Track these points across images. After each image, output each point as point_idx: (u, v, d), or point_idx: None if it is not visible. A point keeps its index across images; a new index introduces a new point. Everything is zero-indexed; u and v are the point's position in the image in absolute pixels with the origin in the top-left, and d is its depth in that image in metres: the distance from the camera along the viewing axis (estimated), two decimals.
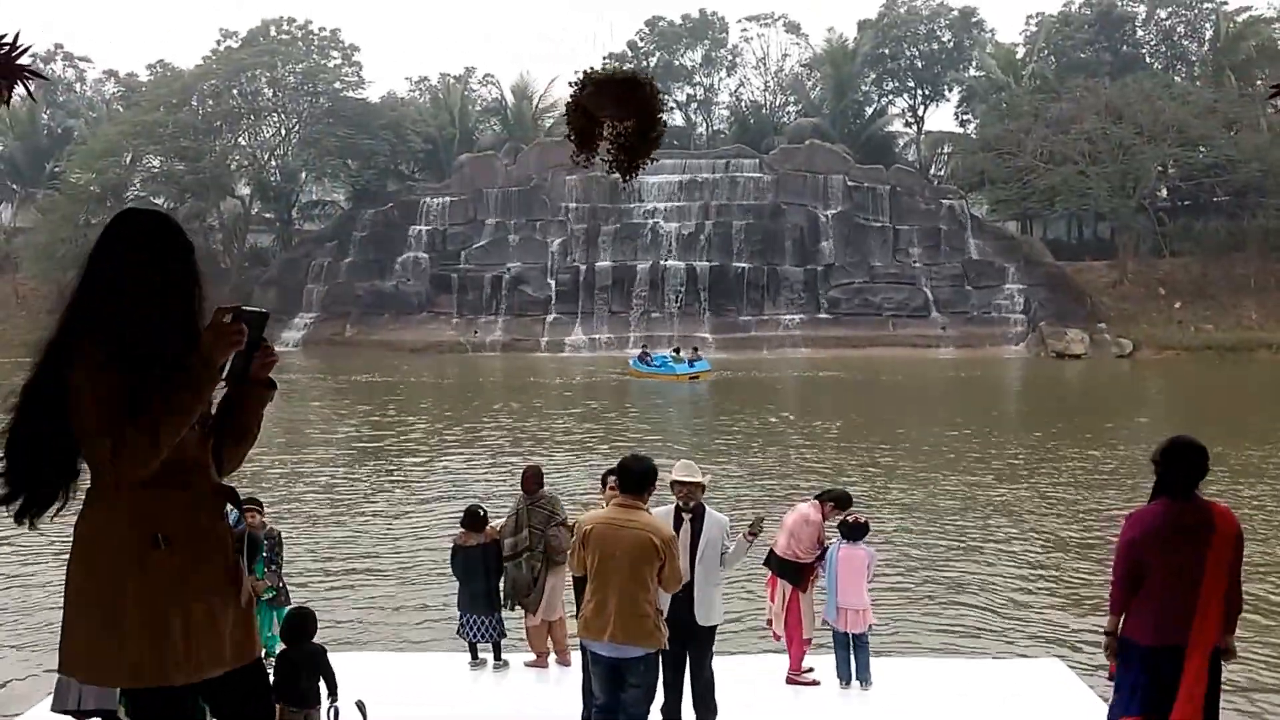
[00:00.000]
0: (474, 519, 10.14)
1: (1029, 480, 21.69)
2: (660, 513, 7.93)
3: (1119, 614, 5.93)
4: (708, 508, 8.21)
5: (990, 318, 67.04)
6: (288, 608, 9.59)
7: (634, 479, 7.11)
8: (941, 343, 65.38)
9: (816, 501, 9.85)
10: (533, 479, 10.15)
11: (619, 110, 6.24)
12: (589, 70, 6.47)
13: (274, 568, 9.86)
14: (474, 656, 10.10)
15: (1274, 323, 62.39)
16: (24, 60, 3.81)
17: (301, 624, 7.54)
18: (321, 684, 7.33)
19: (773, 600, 9.88)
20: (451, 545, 10.27)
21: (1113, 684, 6.06)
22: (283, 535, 10.37)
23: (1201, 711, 5.62)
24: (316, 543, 16.49)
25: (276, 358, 3.84)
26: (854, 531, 9.72)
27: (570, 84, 6.41)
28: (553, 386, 45.63)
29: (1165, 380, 49.09)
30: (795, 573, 9.65)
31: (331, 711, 7.24)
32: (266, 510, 10.27)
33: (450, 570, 10.29)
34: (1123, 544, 5.84)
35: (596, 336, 66.57)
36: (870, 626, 9.67)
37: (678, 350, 51.82)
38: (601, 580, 6.96)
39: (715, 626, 8.22)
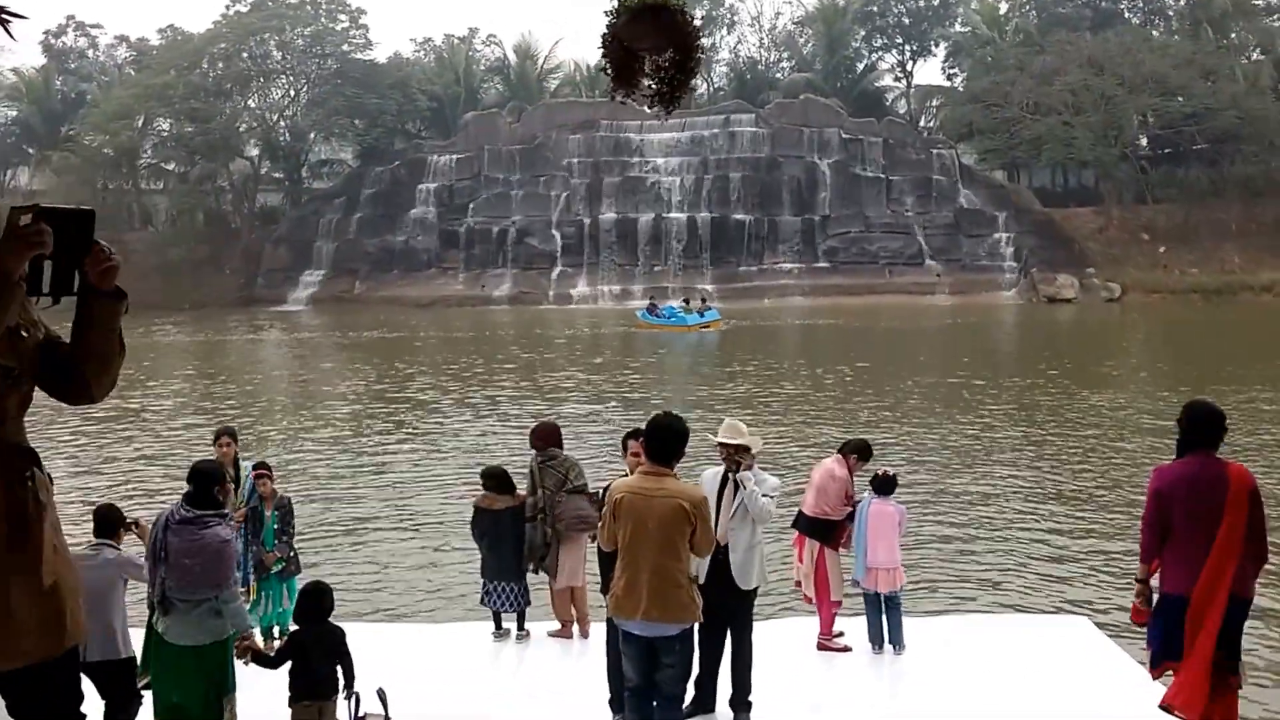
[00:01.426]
0: (500, 481, 9.64)
1: (1039, 428, 21.98)
2: (709, 475, 7.85)
3: (1148, 562, 6.33)
4: (756, 470, 7.88)
5: (983, 264, 69.42)
6: (298, 577, 9.50)
7: (663, 447, 6.66)
8: (937, 289, 67.61)
9: (840, 455, 9.56)
10: (541, 435, 9.77)
11: (656, 40, 6.07)
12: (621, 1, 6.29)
13: (285, 538, 9.48)
14: (498, 626, 9.67)
15: (1255, 266, 64.87)
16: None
17: (317, 601, 6.74)
18: (339, 670, 6.65)
19: (800, 560, 9.58)
20: (474, 508, 9.72)
21: (1144, 631, 6.46)
22: (292, 501, 9.96)
23: (1209, 658, 5.96)
24: (328, 504, 16.22)
25: (116, 262, 3.34)
26: (885, 485, 9.41)
27: (605, 13, 6.13)
28: (561, 338, 46.84)
29: (1156, 323, 51.10)
30: (825, 530, 9.35)
31: (351, 702, 6.64)
32: (275, 475, 9.97)
33: (471, 533, 9.83)
34: (1150, 495, 6.25)
35: (602, 288, 68.59)
36: (902, 587, 9.36)
37: (687, 301, 53.29)
38: (632, 554, 6.61)
39: (755, 590, 7.85)
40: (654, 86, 6.21)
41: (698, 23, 6.32)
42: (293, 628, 7.10)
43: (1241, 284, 63.32)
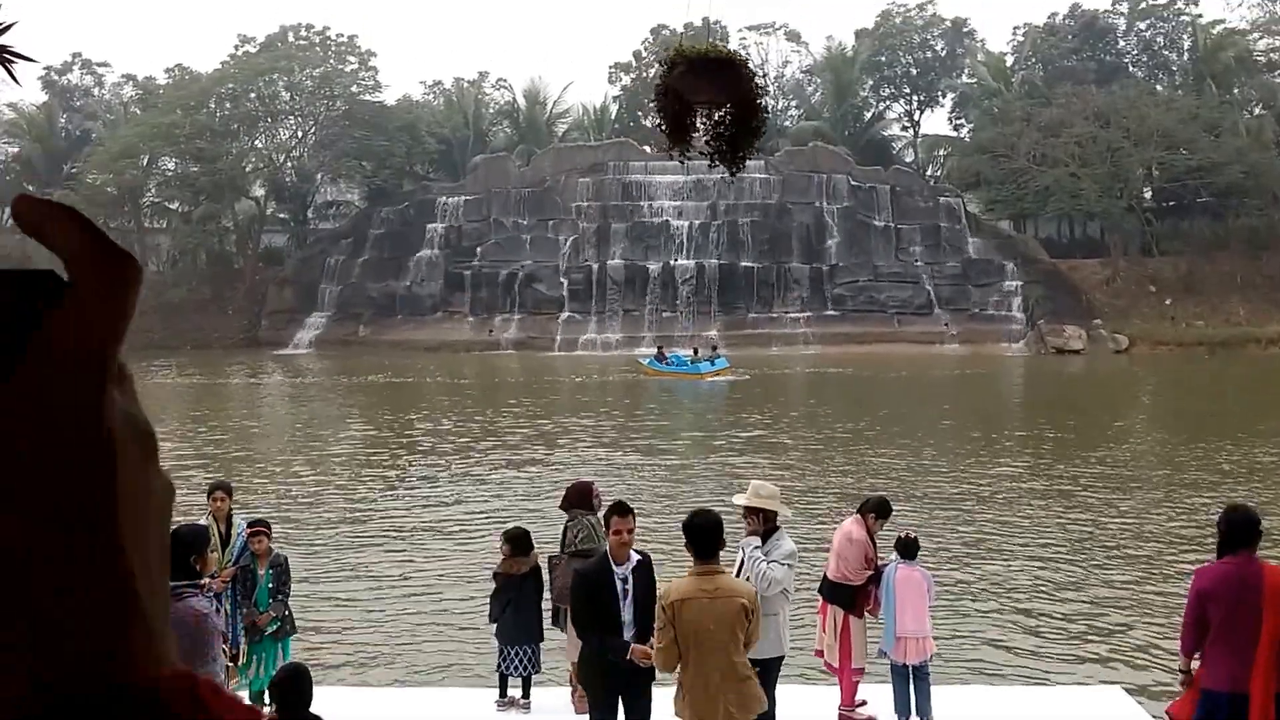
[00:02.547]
0: (519, 543, 9.34)
1: (1054, 480, 21.51)
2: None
3: (1189, 656, 6.73)
4: (779, 533, 7.77)
5: (991, 315, 69.45)
6: (293, 637, 9.45)
7: (709, 543, 6.55)
8: (945, 339, 67.55)
9: (858, 515, 9.30)
10: (569, 498, 9.75)
11: (716, 94, 5.75)
12: (679, 47, 5.92)
13: (280, 596, 9.24)
14: (502, 694, 9.36)
15: (1261, 318, 65.18)
16: (5, 40, 3.14)
17: (295, 687, 6.04)
18: None
19: (824, 629, 9.31)
20: (494, 574, 9.47)
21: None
22: (289, 559, 9.79)
23: None
24: (325, 560, 15.57)
25: None
26: (909, 548, 9.10)
27: (659, 63, 5.94)
28: (568, 386, 46.23)
29: (1165, 376, 50.83)
30: (848, 597, 9.08)
31: None
32: (272, 531, 9.77)
33: (490, 602, 9.52)
34: (1192, 594, 6.64)
35: (610, 335, 68.23)
36: (932, 656, 9.05)
37: (696, 350, 52.87)
38: (700, 660, 6.46)
39: (775, 660, 7.65)
40: (713, 144, 5.91)
41: (760, 78, 5.97)
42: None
43: (1248, 336, 63.58)
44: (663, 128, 5.91)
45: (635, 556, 7.30)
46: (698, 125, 5.87)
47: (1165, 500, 19.42)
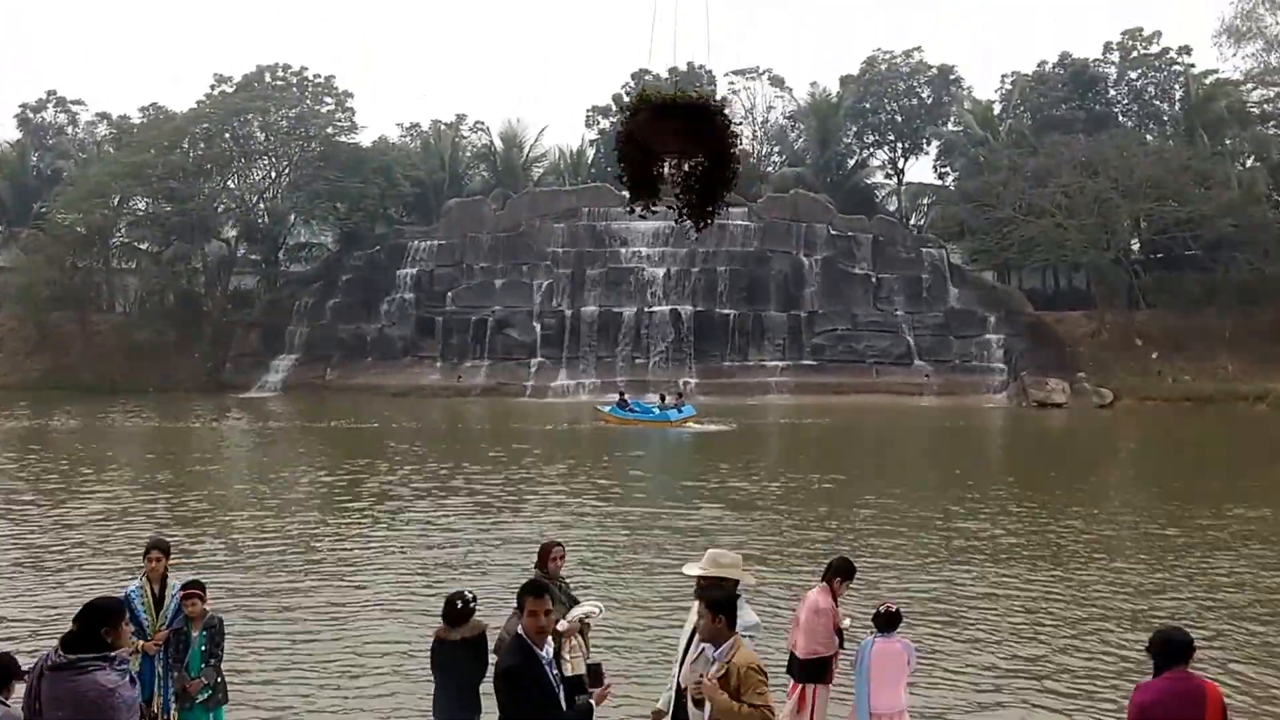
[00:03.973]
0: (453, 612, 8.69)
1: (1033, 547, 19.87)
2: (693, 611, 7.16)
3: None
4: (739, 601, 7.10)
5: (972, 366, 67.91)
6: (225, 707, 9.14)
7: (729, 608, 6.37)
8: (925, 391, 66.04)
9: (824, 584, 8.91)
10: (542, 555, 9.36)
11: (683, 144, 5.23)
12: (642, 92, 5.29)
13: (213, 661, 8.95)
14: None
15: (1249, 374, 63.35)
16: None
17: None
18: None
19: (800, 710, 8.86)
20: (434, 637, 8.89)
21: None
22: (224, 622, 9.34)
23: None
24: (264, 623, 14.40)
25: None
26: (889, 622, 8.69)
27: (617, 108, 5.33)
28: (533, 434, 44.40)
29: (1148, 433, 49.31)
30: (819, 670, 8.74)
31: None
32: (209, 592, 9.41)
33: (429, 667, 8.93)
34: (1134, 710, 6.76)
35: (582, 381, 66.86)
36: None
37: (663, 398, 51.72)
38: None
39: None
40: (681, 198, 5.38)
41: (736, 125, 5.37)
42: None
43: (1235, 392, 61.62)
44: (624, 179, 5.34)
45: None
46: (664, 176, 5.28)
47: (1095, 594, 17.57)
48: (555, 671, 6.41)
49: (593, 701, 6.56)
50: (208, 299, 76.51)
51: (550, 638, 6.55)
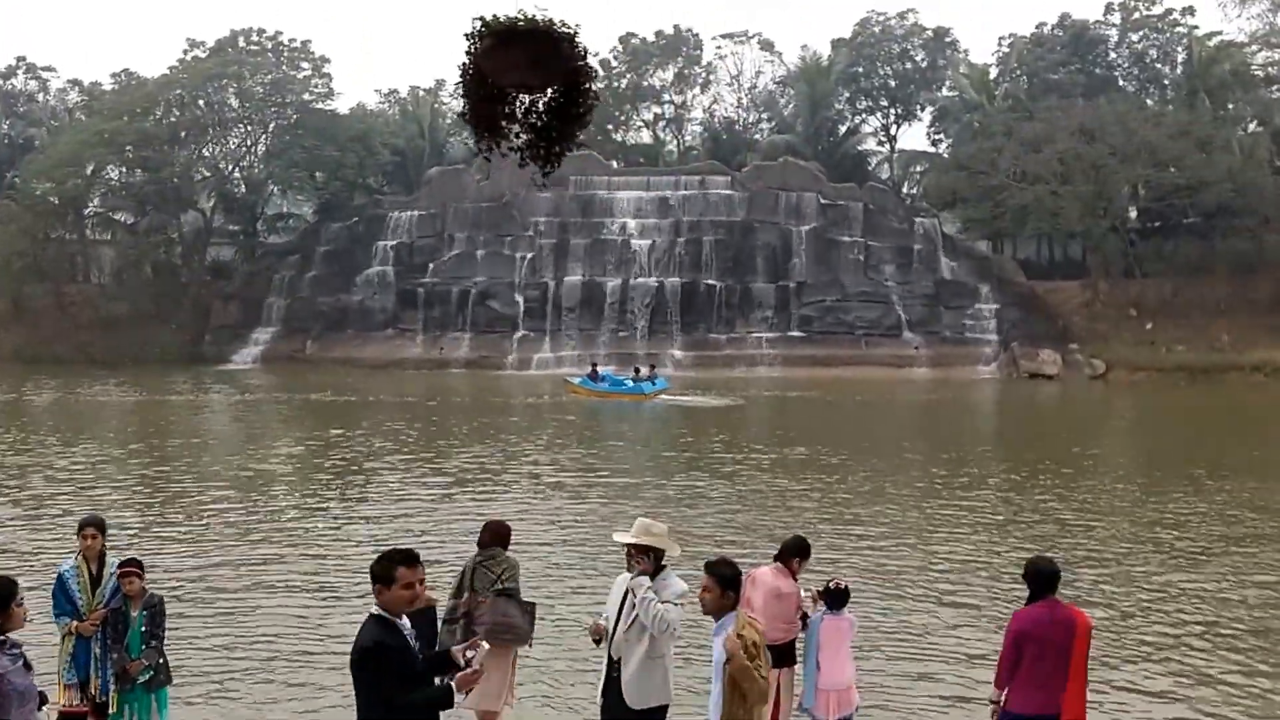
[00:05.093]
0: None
1: (1014, 522, 19.14)
2: (618, 581, 7.41)
3: (1002, 688, 7.52)
4: (666, 572, 7.27)
5: (963, 338, 66.65)
6: (169, 687, 8.92)
7: (733, 582, 6.68)
8: (914, 363, 64.86)
9: (779, 565, 8.74)
10: (489, 534, 9.06)
11: (532, 76, 4.87)
12: (485, 18, 4.90)
13: (154, 642, 8.67)
14: None
15: (1245, 345, 61.92)
16: None
17: None
18: None
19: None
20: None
21: None
22: (164, 600, 8.98)
23: None
24: (212, 602, 13.67)
25: None
26: (839, 599, 8.67)
27: (466, 36, 4.90)
28: (520, 407, 43.66)
29: (1141, 405, 48.27)
30: (785, 654, 8.64)
31: None
32: (149, 570, 9.16)
33: None
34: (1011, 635, 7.42)
35: (565, 354, 65.51)
36: (857, 708, 8.74)
37: (637, 371, 50.67)
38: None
39: (656, 711, 7.18)
40: (526, 137, 4.98)
41: (591, 57, 4.99)
42: None
43: (1231, 363, 60.46)
44: (468, 119, 5.00)
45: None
46: (510, 114, 4.87)
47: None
48: (414, 641, 6.03)
49: (454, 684, 6.07)
50: (185, 270, 75.19)
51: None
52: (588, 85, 4.97)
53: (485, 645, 6.52)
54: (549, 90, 4.93)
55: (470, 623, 8.45)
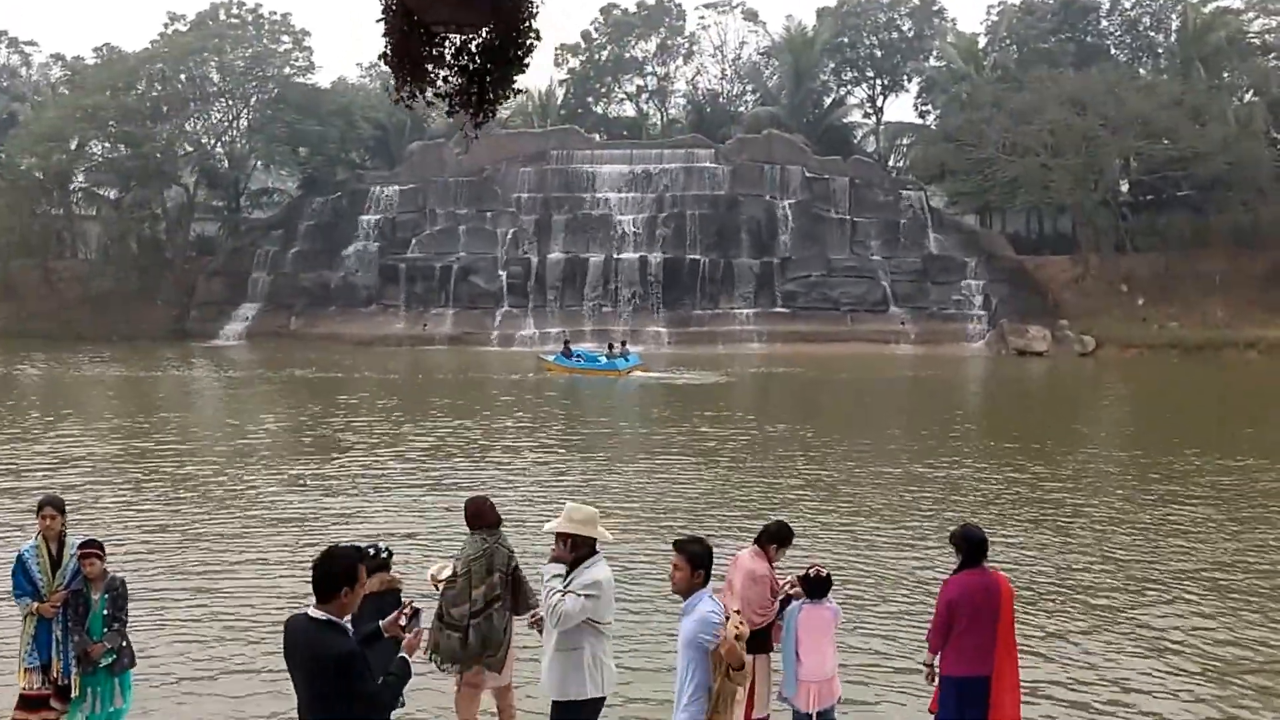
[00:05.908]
0: (373, 561, 8.12)
1: (1001, 506, 18.54)
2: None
3: (936, 652, 8.02)
4: (594, 559, 7.12)
5: (950, 313, 66.04)
6: (132, 671, 8.84)
7: (704, 560, 6.61)
8: (901, 339, 64.35)
9: (756, 548, 8.53)
10: (482, 513, 8.65)
11: (463, 13, 4.44)
12: None
13: (116, 625, 8.60)
14: None
15: (1240, 320, 61.10)
16: None
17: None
18: None
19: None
20: None
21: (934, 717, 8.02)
22: (126, 583, 8.86)
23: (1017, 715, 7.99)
24: (174, 586, 13.28)
25: None
26: (819, 587, 8.37)
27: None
28: (502, 383, 43.39)
29: (1131, 382, 47.47)
30: (761, 640, 8.37)
31: None
32: (110, 552, 9.04)
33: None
34: (942, 602, 7.91)
35: (548, 330, 65.00)
36: (839, 699, 8.48)
37: (611, 347, 50.34)
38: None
39: (577, 704, 7.06)
40: (455, 83, 4.49)
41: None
42: None
43: (1225, 339, 59.50)
44: (388, 60, 4.43)
45: None
46: (436, 56, 4.37)
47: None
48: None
49: (404, 654, 5.90)
50: (169, 246, 74.91)
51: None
52: (528, 23, 4.53)
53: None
54: (484, 30, 4.47)
55: (503, 608, 8.18)
